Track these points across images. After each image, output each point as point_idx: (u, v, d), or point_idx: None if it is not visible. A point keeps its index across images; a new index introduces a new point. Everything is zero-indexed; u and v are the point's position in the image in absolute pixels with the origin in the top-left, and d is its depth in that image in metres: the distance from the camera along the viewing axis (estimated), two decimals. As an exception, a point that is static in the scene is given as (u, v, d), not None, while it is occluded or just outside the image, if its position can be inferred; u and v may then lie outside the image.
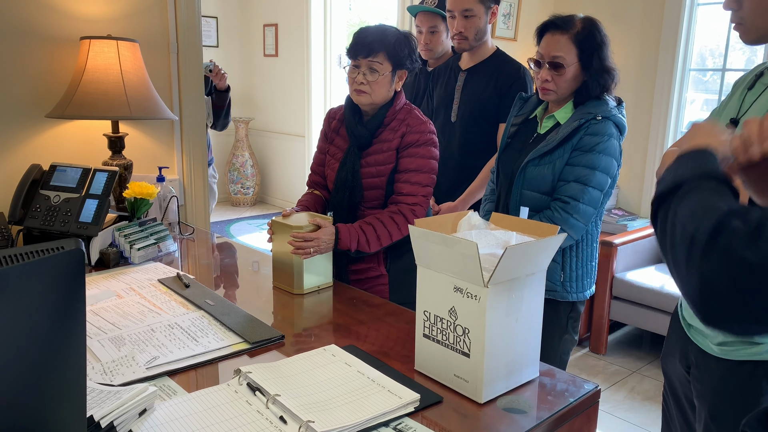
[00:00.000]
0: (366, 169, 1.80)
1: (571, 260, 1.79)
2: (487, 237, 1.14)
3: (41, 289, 0.57)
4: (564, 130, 1.72)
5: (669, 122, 3.72)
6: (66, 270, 0.57)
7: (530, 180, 1.76)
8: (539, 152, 1.75)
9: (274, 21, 6.51)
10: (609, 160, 1.71)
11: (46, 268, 0.56)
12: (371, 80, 1.73)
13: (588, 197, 1.70)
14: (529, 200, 1.77)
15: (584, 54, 1.70)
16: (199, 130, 2.50)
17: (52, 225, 1.82)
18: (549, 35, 1.74)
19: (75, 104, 1.95)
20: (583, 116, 1.71)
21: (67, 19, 2.11)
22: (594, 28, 1.72)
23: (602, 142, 1.69)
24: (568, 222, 1.71)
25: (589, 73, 1.72)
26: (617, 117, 1.73)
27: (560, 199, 1.71)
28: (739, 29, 1.21)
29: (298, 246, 1.60)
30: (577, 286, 1.81)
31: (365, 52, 1.72)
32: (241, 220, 6.33)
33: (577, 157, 1.70)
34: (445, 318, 1.13)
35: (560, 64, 1.71)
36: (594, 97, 1.74)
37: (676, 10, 3.58)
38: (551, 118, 1.81)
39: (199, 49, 2.45)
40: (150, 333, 1.35)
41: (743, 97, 1.24)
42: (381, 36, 1.72)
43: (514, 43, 4.10)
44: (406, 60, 1.76)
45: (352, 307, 1.57)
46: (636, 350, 3.44)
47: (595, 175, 1.69)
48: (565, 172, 1.72)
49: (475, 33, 2.20)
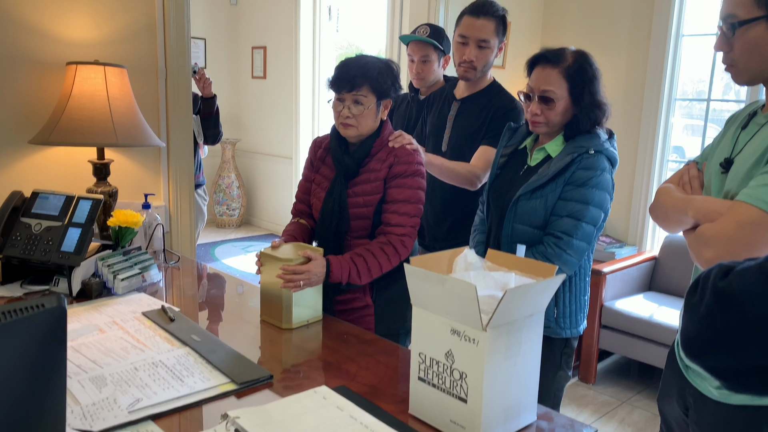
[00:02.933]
0: (353, 199, 1.78)
1: (564, 296, 1.76)
2: (486, 278, 1.11)
3: (20, 351, 0.53)
4: (556, 164, 1.69)
5: (656, 150, 3.74)
6: (46, 329, 0.54)
7: (522, 214, 1.74)
8: (531, 186, 1.72)
9: (263, 43, 6.51)
10: (602, 195, 1.69)
11: (26, 329, 0.52)
12: (357, 113, 1.73)
13: (581, 232, 1.67)
14: (521, 234, 1.74)
15: (575, 88, 1.69)
16: (187, 155, 2.46)
17: (32, 254, 1.77)
18: (539, 68, 1.73)
19: (60, 130, 1.90)
20: (575, 150, 1.69)
21: (53, 43, 2.08)
22: (585, 62, 1.70)
23: (595, 177, 1.67)
24: (562, 257, 1.68)
25: (579, 107, 1.70)
26: (609, 151, 1.72)
27: (553, 234, 1.69)
28: (731, 71, 1.21)
29: (288, 279, 1.56)
30: (570, 321, 1.78)
31: (349, 86, 1.72)
32: (226, 242, 6.26)
33: (570, 192, 1.68)
34: (442, 361, 1.10)
35: (550, 98, 1.69)
36: (585, 131, 1.72)
37: (662, 41, 3.63)
38: (542, 150, 1.78)
39: (188, 73, 2.42)
40: (133, 372, 1.29)
41: (737, 137, 1.24)
42: (363, 69, 1.72)
43: (503, 70, 4.12)
44: (389, 90, 1.76)
45: (342, 343, 1.52)
46: (625, 379, 3.42)
47: (588, 209, 1.67)
48: (558, 206, 1.69)
49: (484, 64, 2.18)
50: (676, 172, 1.38)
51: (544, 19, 4.30)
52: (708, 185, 1.26)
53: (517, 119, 2.17)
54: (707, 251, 1.08)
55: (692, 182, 1.28)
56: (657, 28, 3.65)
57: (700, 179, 1.29)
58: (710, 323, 0.72)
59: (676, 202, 1.22)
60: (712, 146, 1.33)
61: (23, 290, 1.77)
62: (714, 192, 1.22)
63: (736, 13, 1.13)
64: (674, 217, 1.23)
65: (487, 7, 2.14)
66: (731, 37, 1.15)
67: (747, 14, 1.12)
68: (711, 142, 1.36)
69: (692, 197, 1.20)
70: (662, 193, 1.30)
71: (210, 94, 3.23)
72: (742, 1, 1.11)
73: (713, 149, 1.30)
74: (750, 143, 1.18)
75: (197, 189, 3.37)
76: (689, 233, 1.17)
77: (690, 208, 1.17)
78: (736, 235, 1.05)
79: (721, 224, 1.08)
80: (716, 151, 1.27)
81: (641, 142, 3.78)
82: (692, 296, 0.76)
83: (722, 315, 0.71)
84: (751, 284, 0.69)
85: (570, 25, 4.14)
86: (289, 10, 6.03)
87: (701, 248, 1.10)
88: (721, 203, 1.12)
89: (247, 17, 6.67)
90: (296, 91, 6.16)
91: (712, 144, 1.33)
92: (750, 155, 1.15)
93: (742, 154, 1.18)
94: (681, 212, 1.19)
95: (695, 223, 1.16)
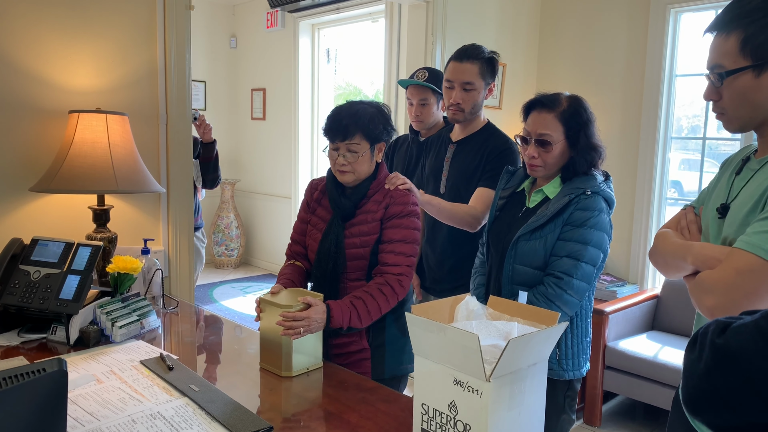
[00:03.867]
0: (350, 240, 1.79)
1: (566, 337, 1.76)
2: (488, 328, 1.10)
3: (21, 417, 0.52)
4: (554, 206, 1.71)
5: (654, 188, 3.76)
6: (47, 394, 0.53)
7: (522, 255, 1.75)
8: (530, 227, 1.73)
9: (262, 86, 6.61)
10: (600, 235, 1.70)
11: (27, 394, 0.51)
12: (352, 161, 1.77)
13: (581, 272, 1.68)
14: (522, 275, 1.75)
15: (570, 131, 1.72)
16: (187, 199, 2.47)
17: (30, 302, 1.75)
18: (535, 113, 1.76)
19: (61, 178, 1.91)
20: (572, 191, 1.71)
21: (56, 91, 2.11)
22: (579, 106, 1.74)
23: (593, 217, 1.69)
24: (562, 298, 1.68)
25: (576, 150, 1.73)
26: (606, 192, 1.74)
27: (553, 274, 1.69)
28: (722, 119, 1.22)
29: (289, 326, 1.55)
30: (573, 363, 1.77)
31: (341, 135, 1.75)
32: (224, 283, 6.23)
33: (569, 232, 1.69)
34: (445, 412, 1.08)
35: (547, 141, 1.72)
36: (581, 173, 1.75)
37: (656, 82, 3.69)
38: (540, 192, 1.81)
39: (188, 118, 2.45)
40: (131, 425, 1.27)
41: (731, 182, 1.25)
42: (354, 117, 1.75)
43: (499, 111, 4.18)
44: (382, 134, 1.80)
45: (343, 392, 1.50)
46: (630, 422, 3.36)
47: (587, 250, 1.68)
48: (557, 247, 1.70)
49: (471, 106, 2.22)
50: (674, 216, 1.38)
51: (539, 60, 4.38)
52: (706, 230, 1.26)
53: (512, 159, 2.19)
54: (708, 299, 1.08)
55: (690, 227, 1.28)
56: (651, 69, 3.71)
57: (698, 224, 1.29)
58: (710, 381, 0.72)
59: (675, 248, 1.22)
60: (708, 190, 1.33)
61: (20, 339, 1.75)
62: (712, 237, 1.22)
63: (723, 63, 1.14)
64: (673, 263, 1.22)
65: (470, 52, 2.20)
66: (720, 87, 1.17)
67: (733, 64, 1.13)
68: (707, 186, 1.36)
69: (691, 243, 1.20)
70: (661, 238, 1.30)
71: (210, 140, 3.27)
72: (728, 51, 1.13)
73: (709, 193, 1.31)
74: (745, 189, 1.19)
75: (195, 231, 3.36)
76: (689, 279, 1.17)
77: (689, 254, 1.17)
78: (736, 283, 1.05)
79: (721, 272, 1.08)
80: (712, 196, 1.28)
81: (639, 181, 3.80)
82: (691, 352, 0.76)
83: (721, 372, 0.71)
84: (747, 341, 0.69)
85: (564, 66, 4.21)
86: (288, 53, 6.14)
87: (702, 296, 1.10)
88: (719, 250, 1.12)
89: (246, 60, 6.79)
90: (295, 131, 6.22)
91: (708, 188, 1.34)
92: (746, 201, 1.15)
93: (738, 200, 1.19)
94: (680, 258, 1.19)
95: (695, 269, 1.15)
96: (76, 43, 2.15)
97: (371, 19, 5.32)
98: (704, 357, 0.72)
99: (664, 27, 3.64)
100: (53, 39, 2.10)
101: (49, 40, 2.09)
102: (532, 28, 4.33)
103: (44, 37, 2.08)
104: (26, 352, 1.67)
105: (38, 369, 0.55)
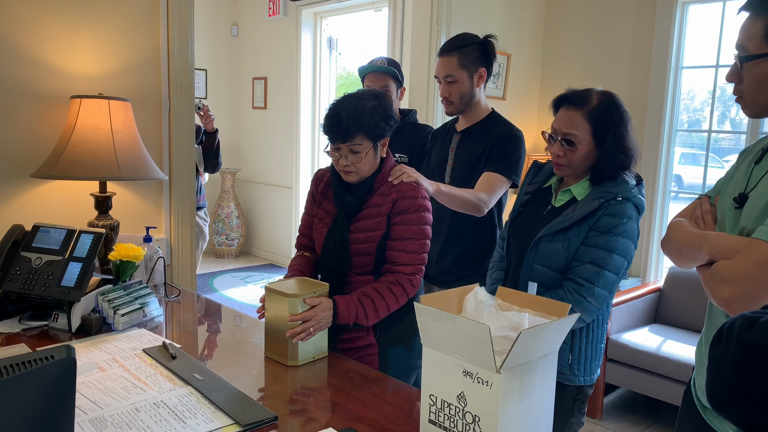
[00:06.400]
0: (355, 235, 1.75)
1: (580, 342, 1.70)
2: (499, 318, 1.09)
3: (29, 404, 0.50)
4: (582, 209, 1.63)
5: (658, 181, 3.75)
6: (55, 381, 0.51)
7: (542, 255, 1.68)
8: (554, 228, 1.65)
9: (264, 74, 6.56)
10: (627, 243, 1.62)
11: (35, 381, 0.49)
12: (355, 161, 1.70)
13: (603, 281, 1.60)
14: (540, 275, 1.69)
15: (598, 131, 1.62)
16: (189, 187, 2.45)
17: (31, 289, 1.74)
18: (563, 110, 1.67)
19: (62, 164, 1.89)
20: (602, 195, 1.62)
21: (58, 76, 2.08)
22: (611, 104, 1.64)
23: (621, 225, 1.60)
24: (582, 305, 1.61)
25: (602, 151, 1.63)
26: (637, 198, 1.65)
27: (574, 280, 1.62)
28: (740, 102, 1.20)
29: (300, 330, 1.54)
30: (585, 369, 1.71)
31: (342, 137, 1.68)
32: (225, 272, 6.21)
33: (594, 238, 1.61)
34: (453, 404, 1.07)
35: (572, 141, 1.63)
36: (609, 177, 1.65)
37: (662, 74, 3.66)
38: (567, 192, 1.73)
39: (191, 106, 2.42)
40: (134, 413, 1.26)
41: (750, 171, 1.22)
42: (354, 117, 1.66)
43: (503, 102, 4.15)
44: (384, 131, 1.73)
45: (348, 382, 1.49)
46: (631, 414, 3.36)
47: (612, 258, 1.60)
48: (581, 252, 1.63)
49: (459, 98, 2.21)
50: (688, 205, 1.35)
51: (544, 51, 4.35)
52: (722, 220, 1.24)
53: (516, 145, 2.17)
54: (724, 290, 1.06)
55: (705, 217, 1.26)
56: (657, 61, 3.68)
57: (713, 214, 1.27)
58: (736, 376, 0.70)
59: (690, 238, 1.20)
60: (724, 180, 1.31)
61: (22, 326, 1.74)
62: (728, 227, 1.20)
63: (747, 46, 1.12)
64: (688, 253, 1.20)
65: (448, 45, 2.22)
66: (741, 70, 1.15)
67: (756, 49, 1.12)
68: (723, 175, 1.34)
69: (707, 233, 1.18)
70: (675, 227, 1.28)
71: (212, 129, 3.37)
72: (753, 35, 1.11)
73: (726, 183, 1.28)
74: (765, 178, 1.17)
75: (199, 211, 3.53)
76: (704, 270, 1.15)
77: (705, 244, 1.15)
78: (754, 274, 1.03)
79: (738, 262, 1.06)
80: (729, 186, 1.26)
81: (643, 173, 3.77)
82: (716, 347, 0.74)
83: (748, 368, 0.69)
84: None
85: (569, 57, 4.18)
86: (290, 41, 6.10)
87: (718, 286, 1.08)
88: (737, 240, 1.10)
89: (247, 48, 6.74)
90: (296, 121, 6.18)
91: (725, 178, 1.31)
92: (765, 191, 1.13)
93: (757, 190, 1.16)
94: (695, 248, 1.17)
95: (710, 259, 1.13)
96: (78, 27, 2.12)
97: (374, 8, 5.28)
98: (730, 352, 0.70)
99: (672, 19, 3.61)
100: (55, 23, 2.07)
101: (51, 25, 2.06)
102: (538, 17, 4.29)
103: (46, 21, 2.05)
104: (27, 339, 1.66)
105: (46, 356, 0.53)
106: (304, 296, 1.57)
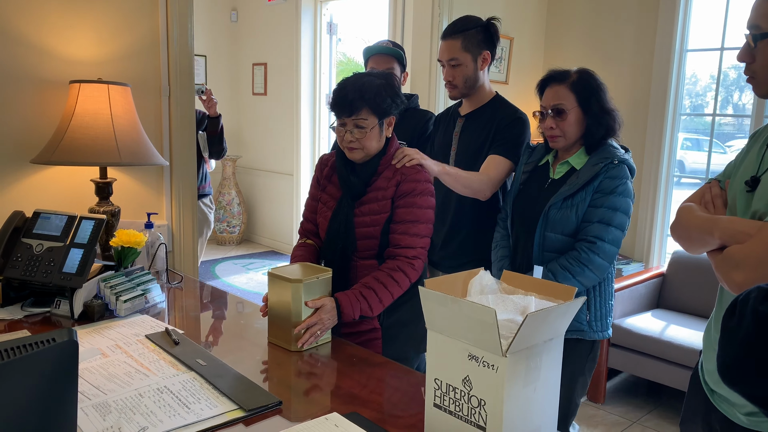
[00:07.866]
0: (360, 218, 1.75)
1: (595, 299, 1.87)
2: (505, 302, 1.08)
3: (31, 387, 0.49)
4: (585, 174, 1.82)
5: (662, 165, 3.72)
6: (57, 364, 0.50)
7: (554, 223, 1.85)
8: (562, 195, 1.83)
9: (264, 60, 6.52)
10: (627, 201, 1.82)
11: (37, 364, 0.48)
12: (360, 137, 1.70)
13: (611, 236, 1.79)
14: (553, 242, 1.85)
15: (582, 98, 1.84)
16: (190, 173, 2.43)
17: (33, 275, 1.73)
18: (549, 89, 1.88)
19: (63, 150, 1.87)
20: (601, 160, 1.82)
21: (57, 61, 2.06)
22: (588, 76, 1.87)
23: (621, 185, 1.80)
24: (595, 262, 1.78)
25: (590, 116, 1.84)
26: (629, 161, 1.86)
27: (586, 239, 1.80)
28: (752, 82, 1.18)
29: (308, 337, 1.55)
30: (601, 324, 1.88)
31: (348, 111, 1.69)
32: (226, 259, 6.22)
33: (599, 199, 1.80)
34: (459, 387, 1.06)
35: (561, 109, 1.84)
36: (600, 138, 1.85)
37: (666, 57, 3.62)
38: (565, 164, 1.91)
39: (191, 91, 2.40)
40: (138, 398, 1.25)
41: (762, 154, 1.20)
42: (360, 91, 1.68)
43: (506, 86, 4.12)
44: (390, 107, 1.73)
45: (352, 367, 1.48)
46: (634, 398, 3.36)
47: (616, 215, 1.80)
48: (588, 213, 1.81)
49: (463, 81, 2.19)
50: (698, 189, 1.33)
51: (547, 35, 4.31)
52: (732, 204, 1.22)
53: (521, 128, 2.16)
54: (737, 274, 1.05)
55: (715, 201, 1.24)
56: (661, 43, 3.64)
57: (724, 198, 1.25)
58: (750, 349, 0.69)
59: (701, 222, 1.18)
60: (735, 164, 1.28)
61: (24, 312, 1.73)
62: (739, 211, 1.18)
63: (760, 24, 1.10)
64: (698, 238, 1.18)
65: (450, 29, 2.19)
66: (753, 49, 1.13)
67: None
68: (733, 159, 1.32)
69: (717, 217, 1.16)
70: (684, 212, 1.26)
71: (216, 114, 3.36)
72: (767, 13, 1.09)
73: (737, 167, 1.26)
74: None
75: (203, 198, 3.52)
76: (715, 254, 1.13)
77: (716, 228, 1.13)
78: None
79: (752, 246, 1.04)
80: (740, 169, 1.23)
81: (647, 158, 3.76)
82: (729, 320, 0.73)
83: (763, 341, 0.68)
84: None
85: (573, 40, 4.14)
86: (290, 27, 6.05)
87: (730, 271, 1.06)
88: (749, 224, 1.09)
89: (247, 34, 6.69)
90: (297, 107, 6.15)
91: (735, 161, 1.29)
92: None
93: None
94: (706, 233, 1.15)
95: (721, 244, 1.12)
96: (76, 11, 2.10)
97: (375, -7, 5.22)
98: (745, 324, 0.69)
99: (676, 1, 3.56)
100: (53, 7, 2.05)
101: (50, 9, 2.04)
102: (540, 1, 4.24)
103: (44, 5, 2.03)
104: (30, 325, 1.66)
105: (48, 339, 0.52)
106: (307, 281, 1.56)
